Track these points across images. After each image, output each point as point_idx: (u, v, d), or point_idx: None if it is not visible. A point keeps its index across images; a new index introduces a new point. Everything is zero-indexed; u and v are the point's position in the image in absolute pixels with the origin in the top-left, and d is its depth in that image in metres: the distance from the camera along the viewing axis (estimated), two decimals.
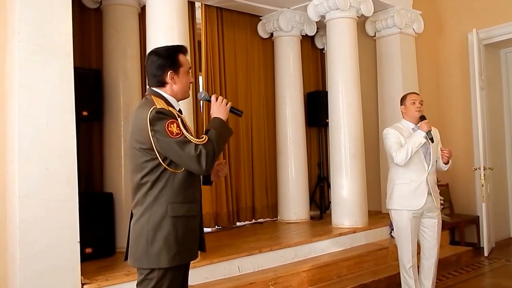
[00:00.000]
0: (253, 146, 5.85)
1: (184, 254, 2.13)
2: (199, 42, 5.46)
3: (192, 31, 5.00)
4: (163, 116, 2.04)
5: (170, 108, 2.12)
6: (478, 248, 5.73)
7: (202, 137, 2.09)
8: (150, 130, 2.02)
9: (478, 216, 5.93)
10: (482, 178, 5.35)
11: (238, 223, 5.66)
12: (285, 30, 5.69)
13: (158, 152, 2.05)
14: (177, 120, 2.06)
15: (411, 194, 3.50)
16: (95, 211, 3.93)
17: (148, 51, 3.69)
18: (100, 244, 3.93)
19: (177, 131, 2.02)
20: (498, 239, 6.05)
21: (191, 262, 2.30)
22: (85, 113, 3.98)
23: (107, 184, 4.37)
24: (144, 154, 2.08)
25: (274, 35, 5.90)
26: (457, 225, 5.89)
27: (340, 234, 4.80)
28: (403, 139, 3.50)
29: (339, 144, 5.10)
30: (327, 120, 5.44)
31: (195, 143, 2.04)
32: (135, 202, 2.16)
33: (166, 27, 3.69)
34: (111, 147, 4.36)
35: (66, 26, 3.17)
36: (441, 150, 3.59)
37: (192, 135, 2.09)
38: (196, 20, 5.41)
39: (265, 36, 5.96)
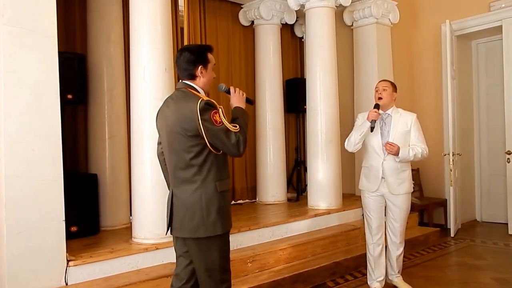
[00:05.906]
0: None
1: (230, 222, 2.48)
2: (182, 29, 5.50)
3: (174, 18, 5.04)
4: (209, 107, 2.29)
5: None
6: (445, 229, 5.96)
7: (236, 126, 2.35)
8: (200, 119, 2.27)
9: (446, 199, 6.15)
10: (451, 163, 5.55)
11: None
12: (265, 18, 5.77)
13: (206, 139, 2.31)
14: (219, 110, 2.33)
15: (369, 178, 3.68)
16: (80, 191, 4.02)
17: (131, 36, 3.80)
18: (85, 222, 4.04)
19: (219, 120, 2.30)
20: (464, 221, 6.30)
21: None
22: (69, 96, 4.03)
23: (91, 166, 4.46)
24: (190, 140, 2.33)
25: (254, 23, 5.97)
26: (426, 208, 6.12)
27: (316, 215, 4.95)
28: None
29: (316, 129, 5.22)
30: (305, 107, 5.54)
31: (234, 131, 2.32)
32: (180, 181, 2.41)
33: (149, 13, 3.71)
34: (95, 130, 4.44)
35: (50, 10, 3.18)
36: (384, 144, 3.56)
37: (229, 123, 2.34)
38: (179, 7, 5.44)
39: (246, 24, 6.03)
